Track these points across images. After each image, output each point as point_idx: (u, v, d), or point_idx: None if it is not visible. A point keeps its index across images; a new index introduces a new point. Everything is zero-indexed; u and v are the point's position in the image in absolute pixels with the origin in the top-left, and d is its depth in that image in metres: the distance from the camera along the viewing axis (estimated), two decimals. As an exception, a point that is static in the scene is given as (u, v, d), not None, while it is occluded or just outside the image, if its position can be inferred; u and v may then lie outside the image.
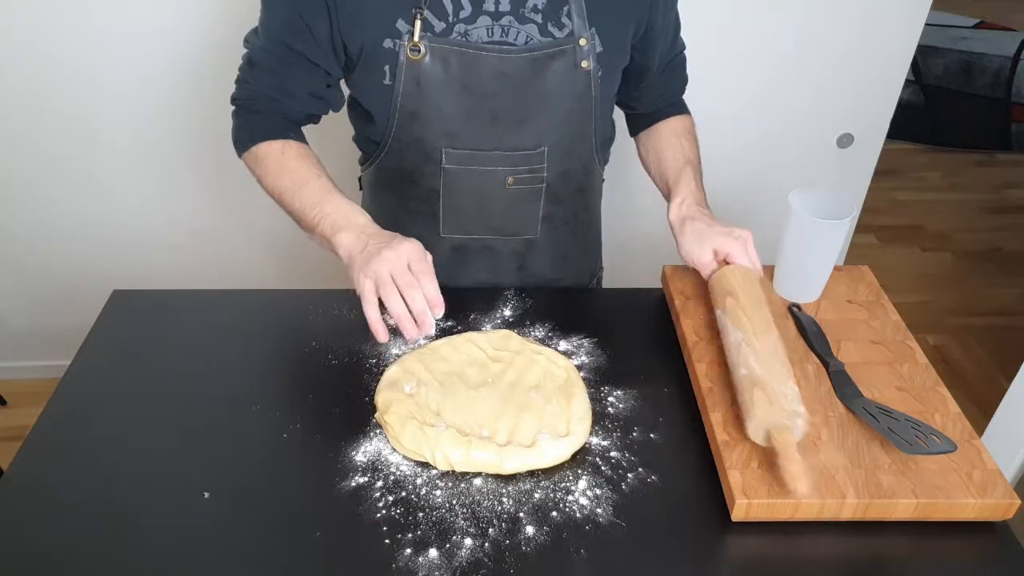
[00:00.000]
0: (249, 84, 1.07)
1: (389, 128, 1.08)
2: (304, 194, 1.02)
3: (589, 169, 1.19)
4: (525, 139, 1.09)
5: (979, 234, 3.04)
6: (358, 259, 0.95)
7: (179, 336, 1.08)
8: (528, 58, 1.02)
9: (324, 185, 1.03)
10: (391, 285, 0.92)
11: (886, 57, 1.79)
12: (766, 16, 1.73)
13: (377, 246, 0.94)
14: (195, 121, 1.83)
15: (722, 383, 0.96)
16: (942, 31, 3.74)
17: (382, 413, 0.91)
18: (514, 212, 1.15)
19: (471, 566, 0.78)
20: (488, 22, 1.00)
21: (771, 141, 1.89)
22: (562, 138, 1.10)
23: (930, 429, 0.87)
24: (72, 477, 0.87)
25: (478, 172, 1.10)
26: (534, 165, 1.11)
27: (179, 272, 2.06)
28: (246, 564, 0.79)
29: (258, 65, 1.06)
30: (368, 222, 1.00)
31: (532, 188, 1.13)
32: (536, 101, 1.06)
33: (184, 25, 1.70)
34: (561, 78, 1.04)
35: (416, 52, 0.99)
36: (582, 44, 1.03)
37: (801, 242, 1.07)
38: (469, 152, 1.08)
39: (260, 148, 1.07)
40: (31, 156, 1.86)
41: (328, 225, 0.99)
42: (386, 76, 1.03)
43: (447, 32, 1.00)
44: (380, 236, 0.97)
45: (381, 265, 0.92)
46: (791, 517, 0.82)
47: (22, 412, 2.18)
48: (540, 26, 1.01)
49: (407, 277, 0.92)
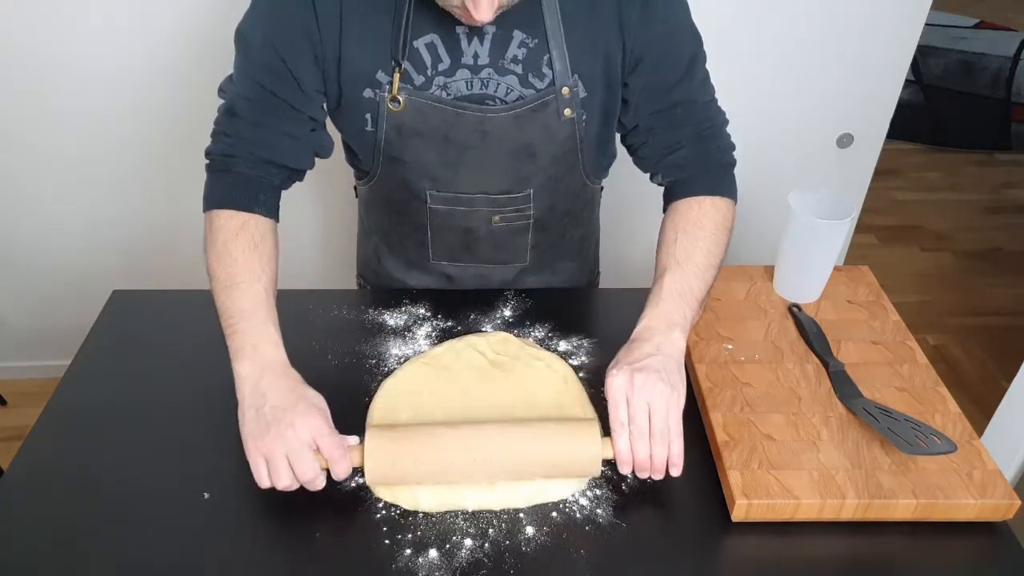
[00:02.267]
0: (228, 137, 0.98)
1: (375, 167, 1.07)
2: (230, 297, 0.90)
3: (579, 194, 1.15)
4: (510, 185, 1.07)
5: (979, 234, 3.03)
6: (251, 422, 0.81)
7: (179, 336, 1.08)
8: (509, 116, 0.99)
9: (255, 294, 0.90)
10: (284, 467, 0.79)
11: (886, 57, 1.79)
12: (766, 16, 1.73)
13: (273, 412, 0.80)
14: (195, 121, 1.82)
15: (722, 383, 0.96)
16: (942, 31, 3.73)
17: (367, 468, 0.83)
18: (502, 245, 1.14)
19: (471, 566, 0.78)
20: (467, 75, 0.97)
21: (771, 141, 1.89)
22: (548, 180, 1.08)
23: (930, 429, 0.87)
24: (72, 477, 0.87)
25: (464, 212, 1.09)
26: (520, 205, 1.09)
27: (179, 272, 2.06)
28: (246, 564, 0.79)
29: (238, 114, 0.97)
30: (276, 358, 0.86)
31: (519, 224, 1.12)
32: (520, 153, 1.03)
33: (184, 25, 1.70)
34: (544, 129, 1.01)
35: (396, 104, 0.97)
36: (564, 93, 0.98)
37: (801, 242, 1.07)
38: (454, 195, 1.07)
39: (217, 216, 0.95)
40: (31, 156, 1.86)
41: (236, 345, 0.87)
42: (368, 124, 1.01)
43: (427, 85, 0.97)
44: (278, 392, 0.82)
45: (276, 444, 0.79)
46: (791, 517, 0.82)
47: (22, 412, 2.17)
48: (520, 77, 0.97)
49: (305, 459, 0.80)
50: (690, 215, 1.00)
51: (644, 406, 0.82)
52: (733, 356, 1.01)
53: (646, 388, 0.83)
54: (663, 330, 0.89)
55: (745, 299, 1.11)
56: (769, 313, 1.09)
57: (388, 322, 1.09)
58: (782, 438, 0.89)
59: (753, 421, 0.91)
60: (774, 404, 0.93)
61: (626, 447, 0.83)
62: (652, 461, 0.83)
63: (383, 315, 1.10)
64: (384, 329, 1.08)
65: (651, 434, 0.82)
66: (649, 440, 0.82)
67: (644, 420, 0.82)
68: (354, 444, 0.83)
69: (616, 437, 0.83)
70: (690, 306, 0.92)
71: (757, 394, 0.95)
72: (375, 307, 1.11)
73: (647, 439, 0.82)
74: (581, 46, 0.97)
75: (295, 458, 0.79)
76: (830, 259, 1.08)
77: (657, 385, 0.83)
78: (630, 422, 0.83)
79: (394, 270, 1.22)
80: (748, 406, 0.93)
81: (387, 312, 1.10)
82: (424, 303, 1.12)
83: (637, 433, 0.82)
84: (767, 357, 1.01)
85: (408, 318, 1.09)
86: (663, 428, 0.82)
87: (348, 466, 0.82)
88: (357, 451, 0.83)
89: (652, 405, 0.83)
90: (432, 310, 1.11)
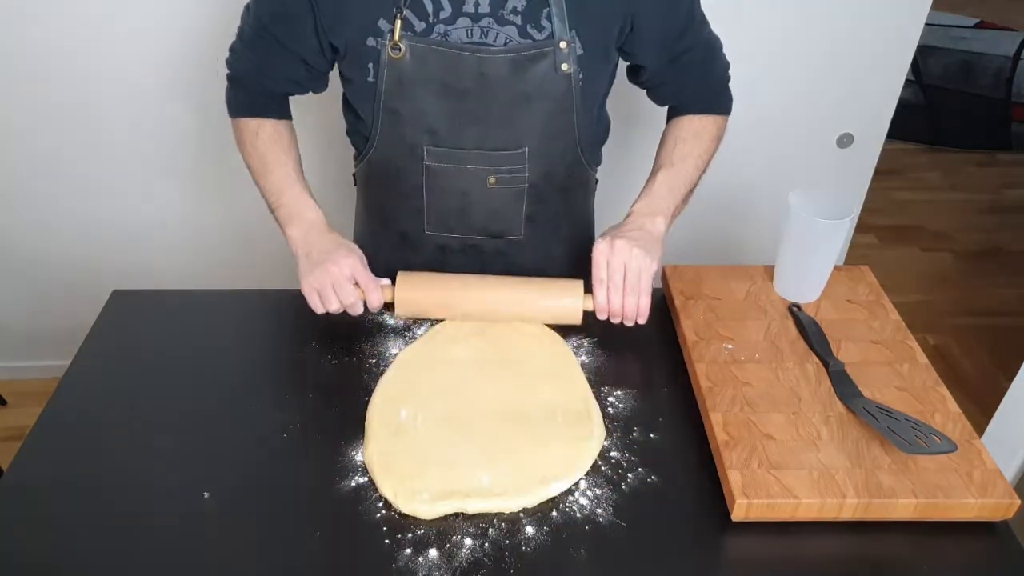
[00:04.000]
0: (236, 56, 1.13)
1: (375, 124, 1.10)
2: (268, 180, 1.11)
3: (574, 170, 1.18)
4: (505, 139, 1.09)
5: (979, 234, 3.03)
6: (303, 265, 1.04)
7: (179, 336, 1.08)
8: (507, 59, 1.02)
9: (286, 173, 1.10)
10: (331, 295, 1.01)
11: (886, 57, 1.79)
12: (766, 16, 1.73)
13: (320, 255, 1.02)
14: (195, 121, 1.83)
15: (722, 383, 0.96)
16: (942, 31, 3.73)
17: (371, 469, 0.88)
18: (497, 212, 1.16)
19: (471, 566, 0.78)
20: (468, 23, 1.01)
21: (771, 141, 1.89)
22: (543, 139, 1.10)
23: (930, 429, 0.87)
24: (72, 477, 0.87)
25: (459, 170, 1.11)
26: (515, 165, 1.11)
27: (179, 272, 2.06)
28: (246, 564, 0.79)
29: (244, 41, 1.11)
30: (317, 219, 1.08)
31: (514, 188, 1.14)
32: (515, 102, 1.06)
33: (183, 24, 1.70)
34: (541, 80, 1.04)
35: (397, 51, 1.01)
36: (562, 47, 1.02)
37: (801, 242, 1.07)
38: (449, 150, 1.09)
39: (239, 123, 1.15)
40: (31, 156, 1.86)
41: (283, 216, 1.09)
42: (369, 73, 1.04)
43: (427, 32, 1.01)
44: (323, 242, 1.05)
45: (324, 278, 1.01)
46: (791, 517, 0.82)
47: (22, 412, 2.17)
48: (519, 28, 1.02)
49: (347, 289, 1.01)
50: (692, 127, 1.16)
51: (621, 266, 1.00)
52: (733, 356, 1.01)
53: (624, 252, 1.00)
54: (648, 214, 1.07)
55: (745, 299, 1.11)
56: (769, 313, 1.09)
57: (388, 322, 1.09)
58: (782, 438, 0.89)
59: (753, 421, 0.91)
60: (774, 404, 0.93)
61: (604, 298, 1.02)
62: (624, 310, 1.01)
63: (383, 315, 1.10)
64: (384, 329, 1.08)
65: (624, 289, 1.00)
66: (623, 294, 1.00)
67: (620, 277, 1.00)
68: (386, 284, 1.04)
69: (596, 290, 1.02)
70: (675, 200, 1.10)
71: (757, 394, 0.95)
72: (375, 307, 1.11)
73: (621, 292, 1.01)
74: (581, 4, 1.02)
75: (339, 288, 1.00)
76: (830, 259, 1.08)
77: (634, 250, 1.00)
78: (608, 279, 1.01)
79: (389, 251, 1.22)
80: (748, 406, 0.93)
81: (387, 312, 1.10)
82: (424, 303, 1.12)
83: (613, 287, 1.01)
84: (767, 357, 1.01)
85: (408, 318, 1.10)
86: (635, 283, 1.00)
87: (380, 297, 1.03)
88: (389, 290, 1.04)
89: (628, 266, 1.00)
90: (432, 310, 1.11)
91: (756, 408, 0.93)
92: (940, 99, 3.64)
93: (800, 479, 0.83)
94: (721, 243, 2.01)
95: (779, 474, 0.84)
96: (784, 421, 0.91)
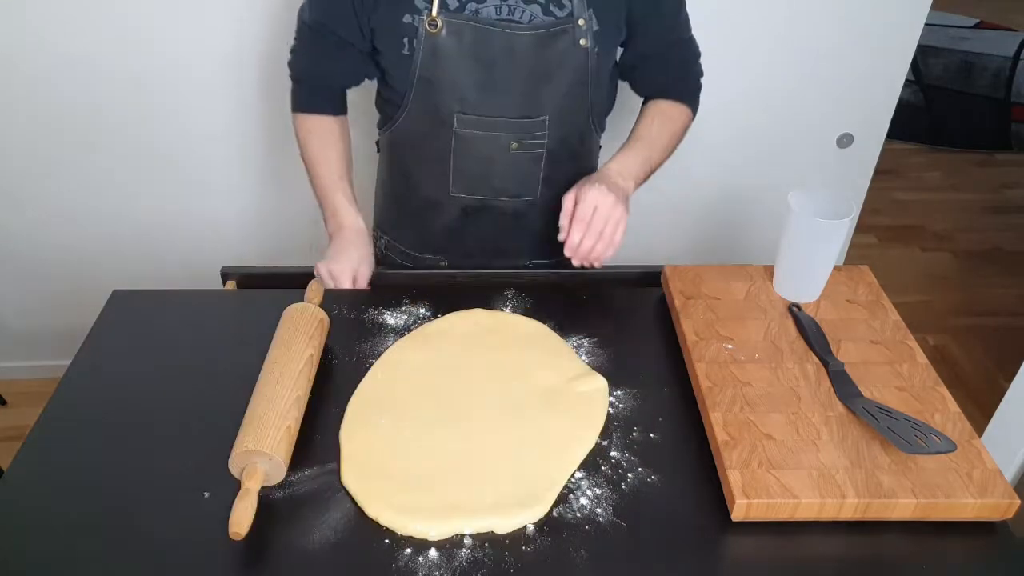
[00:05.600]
0: (296, 55, 1.26)
1: (408, 93, 1.20)
2: (315, 176, 1.26)
3: (585, 136, 1.29)
4: (528, 108, 1.20)
5: (979, 234, 3.03)
6: (325, 254, 1.20)
7: (179, 336, 1.08)
8: (533, 36, 1.14)
9: (329, 174, 1.24)
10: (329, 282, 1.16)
11: (886, 57, 1.79)
12: (766, 16, 1.73)
13: (332, 253, 1.18)
14: (195, 121, 1.83)
15: (722, 383, 0.96)
16: (942, 31, 3.74)
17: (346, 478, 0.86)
18: (517, 174, 1.27)
19: (471, 566, 0.78)
20: (497, 1, 1.13)
21: (771, 141, 1.89)
22: (562, 108, 1.21)
23: (930, 429, 0.87)
24: (72, 477, 0.87)
25: (485, 137, 1.21)
26: (536, 132, 1.22)
27: (179, 272, 2.06)
28: (246, 564, 0.79)
29: (301, 40, 1.24)
30: (347, 224, 1.21)
31: (533, 153, 1.24)
32: (538, 74, 1.17)
33: (184, 24, 1.70)
34: (562, 55, 1.16)
35: (434, 26, 1.12)
36: (580, 24, 1.14)
37: (801, 242, 1.07)
38: (478, 118, 1.20)
39: (297, 119, 1.28)
40: (31, 156, 1.86)
41: (325, 215, 1.25)
42: (405, 47, 1.15)
43: (460, 9, 1.13)
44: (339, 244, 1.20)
45: (331, 266, 1.16)
46: (791, 517, 0.82)
47: (22, 412, 2.17)
48: (543, 6, 1.14)
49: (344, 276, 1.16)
50: (670, 111, 1.28)
51: (591, 208, 1.08)
52: (733, 356, 1.01)
53: (593, 194, 1.09)
54: (618, 174, 1.17)
55: (745, 299, 1.11)
56: (769, 313, 1.09)
57: (388, 322, 1.09)
58: (782, 438, 0.89)
59: (753, 421, 0.91)
60: (774, 404, 0.93)
61: (567, 224, 1.10)
62: (585, 247, 1.09)
63: (383, 315, 1.10)
64: (384, 329, 1.08)
65: (591, 225, 1.08)
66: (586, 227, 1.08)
67: (589, 212, 1.08)
68: None
69: (562, 220, 1.10)
70: (644, 170, 1.21)
71: (757, 394, 0.95)
72: (375, 307, 1.11)
73: (585, 225, 1.08)
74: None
75: (338, 276, 1.16)
76: (830, 259, 1.08)
77: (606, 196, 1.09)
78: (576, 214, 1.09)
79: (412, 214, 1.35)
80: (748, 406, 0.93)
81: (387, 312, 1.10)
82: (424, 303, 1.12)
83: (579, 219, 1.08)
84: (767, 357, 1.01)
85: (408, 318, 1.10)
86: (601, 226, 1.08)
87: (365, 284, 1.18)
88: None
89: (599, 207, 1.08)
90: (432, 309, 1.11)
91: (756, 408, 0.93)
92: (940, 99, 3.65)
93: (800, 479, 0.83)
94: (721, 243, 2.01)
95: (779, 474, 0.84)
96: (784, 421, 0.91)
